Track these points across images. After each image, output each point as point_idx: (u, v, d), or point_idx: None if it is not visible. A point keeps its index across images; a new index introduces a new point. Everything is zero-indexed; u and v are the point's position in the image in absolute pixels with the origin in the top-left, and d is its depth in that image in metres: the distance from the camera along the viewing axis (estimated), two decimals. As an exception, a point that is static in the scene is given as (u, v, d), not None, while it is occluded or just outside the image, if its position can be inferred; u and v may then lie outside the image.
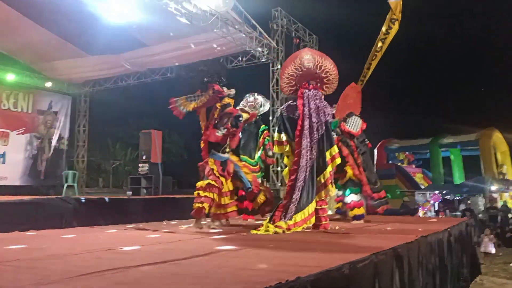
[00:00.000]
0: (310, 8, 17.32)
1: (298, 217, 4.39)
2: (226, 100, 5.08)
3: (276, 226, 4.29)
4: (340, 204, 6.30)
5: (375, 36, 12.56)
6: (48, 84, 13.93)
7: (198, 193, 4.77)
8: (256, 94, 6.17)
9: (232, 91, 5.18)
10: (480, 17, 22.75)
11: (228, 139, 5.01)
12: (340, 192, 6.02)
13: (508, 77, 20.98)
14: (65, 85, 14.57)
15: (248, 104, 6.07)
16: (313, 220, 4.55)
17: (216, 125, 4.97)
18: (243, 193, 5.54)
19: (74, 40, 11.52)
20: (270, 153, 6.26)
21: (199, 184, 4.84)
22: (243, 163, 5.68)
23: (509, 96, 21.69)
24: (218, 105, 5.03)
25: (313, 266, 2.10)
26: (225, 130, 4.91)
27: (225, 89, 5.11)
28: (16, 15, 10.35)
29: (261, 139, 6.24)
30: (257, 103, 6.09)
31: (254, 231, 4.32)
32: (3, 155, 12.77)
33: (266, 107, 6.38)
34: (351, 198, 5.82)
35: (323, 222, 4.72)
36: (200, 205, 4.70)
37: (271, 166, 12.16)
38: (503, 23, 19.78)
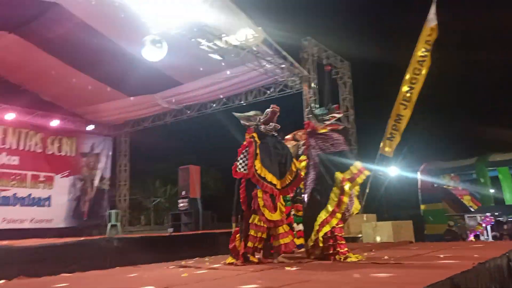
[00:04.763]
0: (340, 35, 17.30)
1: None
2: None
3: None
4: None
5: (407, 59, 12.33)
6: (90, 127, 14.49)
7: None
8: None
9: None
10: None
11: None
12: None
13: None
14: (106, 127, 15.11)
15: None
16: None
17: None
18: None
19: (113, 83, 11.99)
20: None
21: None
22: None
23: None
24: None
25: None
26: None
27: None
28: (57, 63, 10.98)
29: None
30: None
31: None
32: (48, 199, 13.24)
33: None
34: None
35: None
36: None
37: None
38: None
